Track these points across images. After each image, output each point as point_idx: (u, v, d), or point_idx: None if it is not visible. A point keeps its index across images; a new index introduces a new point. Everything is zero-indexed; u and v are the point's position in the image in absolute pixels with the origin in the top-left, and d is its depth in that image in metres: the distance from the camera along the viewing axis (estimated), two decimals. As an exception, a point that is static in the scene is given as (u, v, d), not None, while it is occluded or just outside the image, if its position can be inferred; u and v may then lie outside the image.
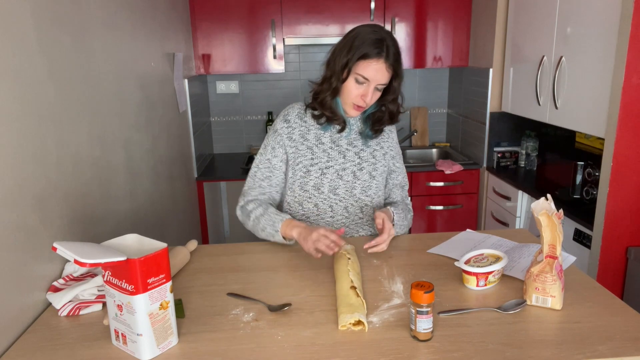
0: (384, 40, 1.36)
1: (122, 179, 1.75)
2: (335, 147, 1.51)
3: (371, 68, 1.35)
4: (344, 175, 1.50)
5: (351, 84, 1.39)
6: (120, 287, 0.93)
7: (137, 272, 0.91)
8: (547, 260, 1.09)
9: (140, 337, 0.94)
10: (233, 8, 3.06)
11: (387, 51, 1.35)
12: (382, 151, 1.56)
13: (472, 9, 3.18)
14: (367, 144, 1.54)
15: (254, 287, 1.22)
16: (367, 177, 1.51)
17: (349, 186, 1.50)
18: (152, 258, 0.92)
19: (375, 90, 1.40)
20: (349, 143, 1.52)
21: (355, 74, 1.37)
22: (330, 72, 1.43)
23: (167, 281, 0.96)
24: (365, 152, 1.53)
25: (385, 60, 1.35)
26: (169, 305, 0.97)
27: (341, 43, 1.41)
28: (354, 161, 1.51)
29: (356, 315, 1.02)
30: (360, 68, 1.36)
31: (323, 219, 1.52)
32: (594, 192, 2.17)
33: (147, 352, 0.95)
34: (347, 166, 1.50)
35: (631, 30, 1.81)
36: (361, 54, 1.35)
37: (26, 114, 1.15)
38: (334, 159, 1.50)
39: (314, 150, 1.50)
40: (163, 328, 0.96)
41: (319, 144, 1.50)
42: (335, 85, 1.41)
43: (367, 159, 1.52)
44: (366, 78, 1.37)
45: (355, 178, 1.50)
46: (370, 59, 1.35)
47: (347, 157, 1.50)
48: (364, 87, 1.38)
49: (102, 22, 1.64)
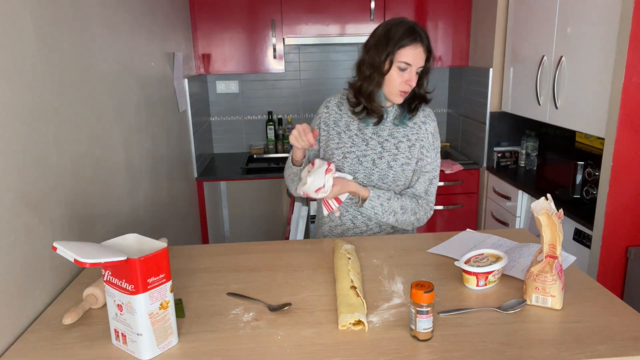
0: (415, 26, 1.49)
1: (122, 179, 1.75)
2: (360, 135, 1.60)
3: (412, 53, 1.47)
4: (363, 162, 1.58)
5: (395, 73, 1.49)
6: (120, 286, 0.93)
7: (137, 271, 0.91)
8: (547, 260, 1.09)
9: (141, 336, 0.94)
10: (233, 8, 3.06)
11: (421, 35, 1.48)
12: (409, 143, 1.59)
13: (472, 9, 3.18)
14: (393, 135, 1.59)
15: (254, 287, 1.22)
16: (384, 166, 1.57)
17: (367, 172, 1.58)
18: (152, 258, 0.92)
19: (415, 75, 1.50)
20: (373, 132, 1.60)
21: (398, 63, 1.47)
22: (370, 69, 1.51)
23: (167, 281, 0.96)
24: (389, 142, 1.59)
25: (421, 44, 1.47)
26: (169, 305, 0.97)
27: (374, 40, 1.52)
28: (375, 149, 1.59)
29: (356, 315, 1.02)
30: (401, 56, 1.47)
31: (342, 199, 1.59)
32: (594, 192, 2.17)
33: (147, 351, 0.95)
34: (368, 153, 1.58)
35: (631, 30, 1.81)
36: (400, 42, 1.46)
37: (26, 114, 1.15)
38: (356, 145, 1.59)
39: (341, 136, 1.61)
40: (163, 328, 0.96)
41: (346, 131, 1.61)
42: (378, 79, 1.51)
43: (389, 149, 1.58)
44: (409, 63, 1.47)
45: (374, 165, 1.58)
46: (409, 46, 1.46)
47: (369, 144, 1.59)
48: (407, 72, 1.49)
49: (102, 22, 1.64)
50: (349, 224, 1.64)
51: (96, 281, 1.17)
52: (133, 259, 0.90)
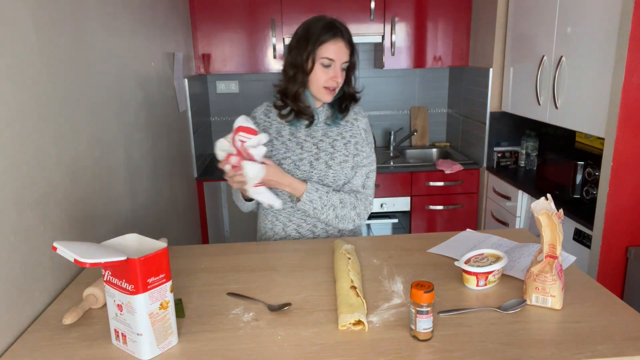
0: (334, 21, 1.49)
1: (122, 179, 1.75)
2: (293, 139, 1.57)
3: (333, 48, 1.46)
4: (300, 166, 1.55)
5: (319, 70, 1.48)
6: (120, 286, 0.93)
7: (137, 271, 0.91)
8: (547, 260, 1.09)
9: (141, 336, 0.94)
10: (233, 8, 3.06)
11: (341, 30, 1.47)
12: (344, 140, 1.58)
13: (472, 9, 3.18)
14: (327, 135, 1.57)
15: (254, 287, 1.22)
16: (323, 166, 1.55)
17: (306, 176, 1.54)
18: (152, 258, 0.92)
19: (341, 71, 1.49)
20: (307, 134, 1.57)
21: (320, 59, 1.47)
22: (293, 69, 1.50)
23: (167, 281, 0.96)
24: (324, 142, 1.57)
25: (342, 39, 1.47)
26: (169, 305, 0.97)
27: (295, 40, 1.51)
28: (311, 151, 1.56)
29: (356, 315, 1.02)
30: (323, 52, 1.46)
31: (284, 209, 1.59)
32: (594, 191, 2.17)
33: (147, 351, 0.95)
34: (304, 156, 1.55)
35: (631, 30, 1.81)
36: (320, 38, 1.46)
37: (26, 114, 1.15)
38: (291, 150, 1.56)
39: (273, 143, 1.57)
40: (163, 328, 0.96)
41: (278, 137, 1.58)
42: (302, 79, 1.49)
43: (325, 149, 1.56)
44: (331, 59, 1.46)
45: (312, 168, 1.55)
46: (329, 41, 1.46)
47: (304, 147, 1.56)
48: (332, 68, 1.48)
49: (102, 22, 1.64)
50: (294, 234, 1.60)
51: (96, 281, 1.17)
52: (133, 259, 0.90)
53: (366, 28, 3.15)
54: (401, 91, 3.66)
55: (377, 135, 3.71)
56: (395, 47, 3.18)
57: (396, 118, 3.70)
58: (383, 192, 3.13)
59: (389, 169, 3.12)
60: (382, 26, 3.15)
